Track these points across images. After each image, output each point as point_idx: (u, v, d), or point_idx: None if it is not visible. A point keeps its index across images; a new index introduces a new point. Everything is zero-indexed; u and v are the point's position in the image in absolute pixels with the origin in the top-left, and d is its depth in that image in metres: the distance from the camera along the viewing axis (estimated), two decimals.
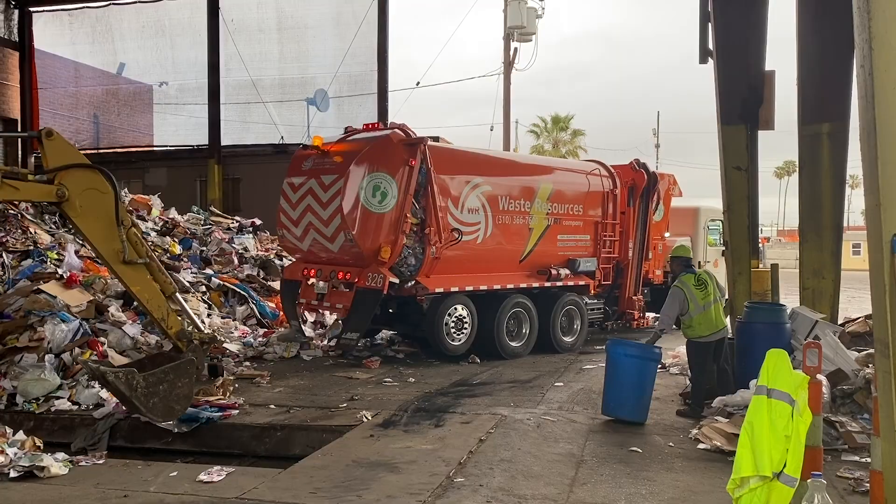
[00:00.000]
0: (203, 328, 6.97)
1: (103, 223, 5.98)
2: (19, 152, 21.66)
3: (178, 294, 6.85)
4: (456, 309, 10.89)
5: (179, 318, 6.91)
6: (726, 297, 8.99)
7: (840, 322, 9.59)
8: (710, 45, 10.01)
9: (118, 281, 7.36)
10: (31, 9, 21.88)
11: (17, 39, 21.66)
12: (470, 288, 11.07)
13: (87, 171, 6.06)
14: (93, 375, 7.13)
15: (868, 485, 4.95)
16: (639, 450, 6.64)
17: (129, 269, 6.25)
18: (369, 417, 7.59)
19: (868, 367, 7.40)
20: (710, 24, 9.97)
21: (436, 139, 11.24)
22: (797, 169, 9.93)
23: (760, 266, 10.25)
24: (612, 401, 7.67)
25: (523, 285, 11.83)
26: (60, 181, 5.87)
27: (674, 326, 8.62)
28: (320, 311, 11.76)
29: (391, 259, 10.08)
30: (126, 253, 6.10)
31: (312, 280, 10.92)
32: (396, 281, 10.09)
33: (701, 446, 6.73)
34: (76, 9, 22.20)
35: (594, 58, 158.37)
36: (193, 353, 6.90)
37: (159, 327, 6.78)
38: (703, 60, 10.14)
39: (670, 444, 6.88)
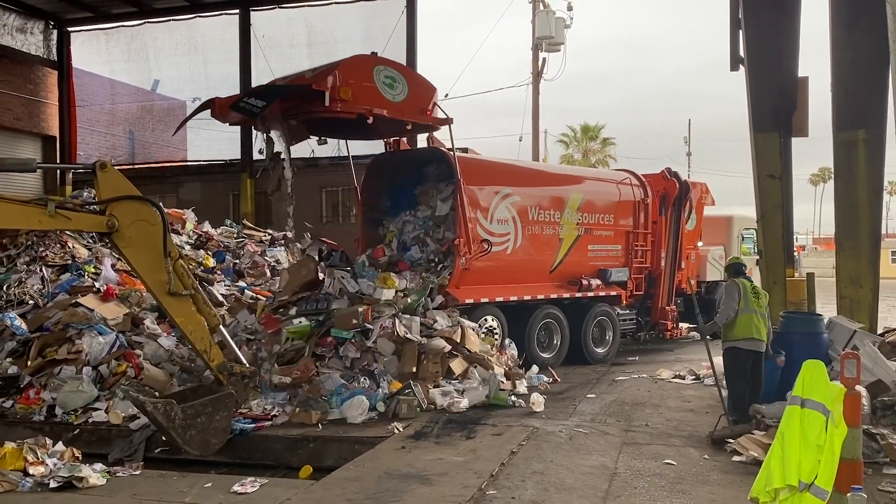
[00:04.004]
0: (245, 362, 6.96)
1: (151, 254, 6.05)
2: (58, 161, 22.14)
3: (222, 327, 6.87)
4: (486, 320, 10.87)
5: (222, 351, 6.91)
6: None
7: (879, 332, 9.39)
8: (741, 52, 9.92)
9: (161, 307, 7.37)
10: (70, 29, 22.41)
11: (56, 59, 22.19)
12: (500, 299, 11.05)
13: (138, 202, 6.15)
14: (133, 404, 7.18)
15: None
16: (673, 462, 6.56)
17: (174, 300, 6.30)
18: (401, 429, 7.60)
19: None
20: (740, 31, 9.89)
21: (464, 150, 11.27)
22: (832, 176, 9.78)
23: (796, 275, 10.09)
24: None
25: (554, 296, 11.78)
26: (111, 212, 5.96)
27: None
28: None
29: (344, 103, 9.13)
30: (172, 284, 6.16)
31: None
32: (325, 102, 9.08)
33: (736, 458, 6.63)
34: (112, 28, 22.69)
35: (617, 65, 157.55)
36: (234, 386, 6.90)
37: (201, 359, 6.81)
38: (734, 68, 10.05)
39: (705, 456, 6.79)
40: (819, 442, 4.37)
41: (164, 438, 6.97)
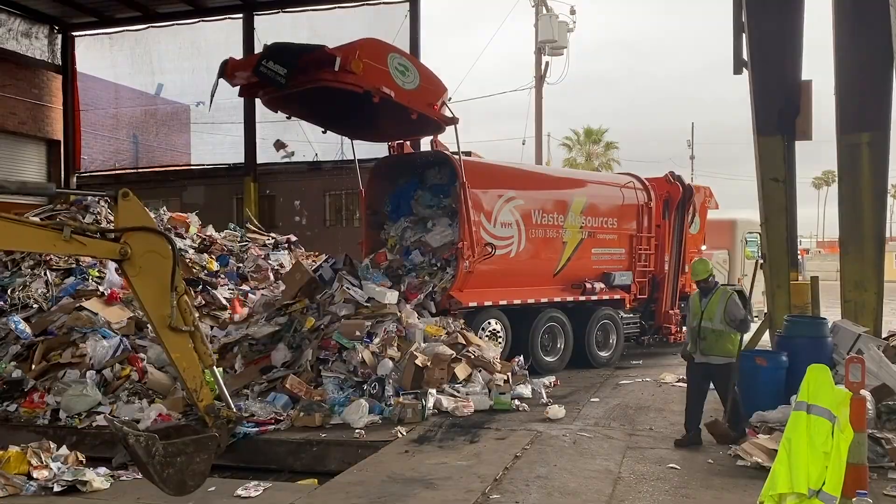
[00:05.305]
0: (233, 407, 6.99)
1: (158, 287, 6.10)
2: (62, 172, 22.22)
3: (215, 367, 6.88)
4: (490, 323, 10.87)
5: (211, 393, 6.91)
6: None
7: (884, 336, 9.35)
8: (745, 56, 9.92)
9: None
10: (74, 33, 22.49)
11: (60, 63, 22.25)
12: (504, 302, 11.04)
13: (153, 234, 6.23)
14: (114, 434, 7.16)
15: None
16: (677, 466, 6.55)
17: (173, 335, 6.33)
18: (404, 433, 7.60)
19: None
20: (743, 35, 9.88)
21: (467, 154, 11.27)
22: (836, 179, 9.75)
23: (800, 279, 10.06)
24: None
25: (557, 299, 11.78)
26: (126, 240, 6.04)
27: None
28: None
29: (356, 76, 9.01)
30: (173, 319, 6.22)
31: None
32: (336, 66, 8.94)
33: (740, 463, 6.61)
34: (116, 32, 22.76)
35: (621, 68, 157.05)
36: (218, 429, 6.87)
37: (190, 398, 6.81)
38: (737, 71, 10.03)
39: (709, 460, 6.77)
40: (826, 448, 4.36)
41: (140, 475, 6.93)
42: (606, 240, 12.71)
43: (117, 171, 22.95)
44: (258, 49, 20.40)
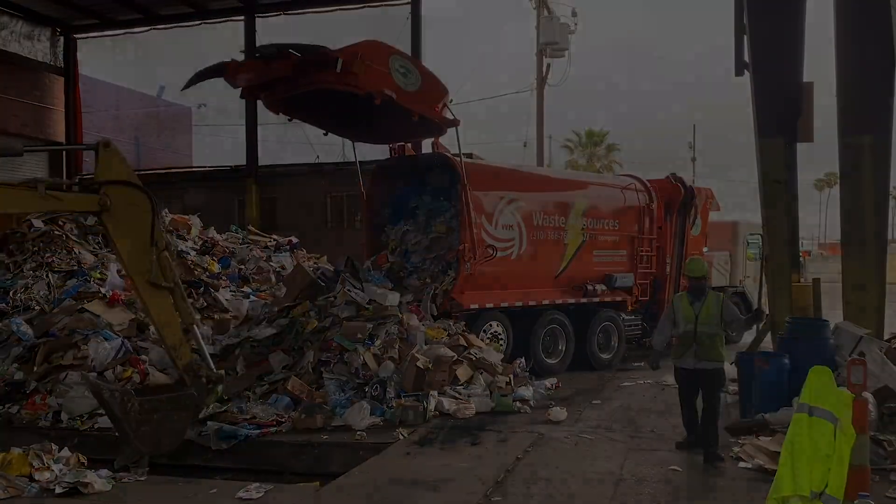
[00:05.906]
0: (213, 367, 6.79)
1: (138, 241, 5.98)
2: (63, 174, 22.23)
3: (196, 327, 6.71)
4: (491, 325, 10.87)
5: (192, 352, 6.74)
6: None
7: (886, 337, 9.35)
8: (746, 58, 9.92)
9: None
10: (76, 36, 22.53)
11: (63, 65, 22.29)
12: (505, 304, 11.04)
13: (134, 188, 6.13)
14: (90, 390, 7.01)
15: None
16: (679, 468, 6.54)
17: (153, 290, 6.15)
18: (406, 435, 7.59)
19: None
20: (745, 37, 9.89)
21: (469, 155, 11.28)
22: (838, 181, 9.75)
23: (801, 280, 10.05)
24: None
25: (559, 301, 11.77)
26: (105, 192, 5.94)
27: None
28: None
29: (357, 78, 8.94)
30: (153, 274, 6.08)
31: None
32: (337, 68, 8.92)
33: (742, 465, 6.60)
34: (118, 34, 22.80)
35: (622, 69, 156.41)
36: (197, 389, 6.67)
37: (169, 355, 6.63)
38: (738, 73, 10.05)
39: None
40: (828, 451, 4.36)
41: (116, 434, 6.79)
42: (608, 242, 12.70)
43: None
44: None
